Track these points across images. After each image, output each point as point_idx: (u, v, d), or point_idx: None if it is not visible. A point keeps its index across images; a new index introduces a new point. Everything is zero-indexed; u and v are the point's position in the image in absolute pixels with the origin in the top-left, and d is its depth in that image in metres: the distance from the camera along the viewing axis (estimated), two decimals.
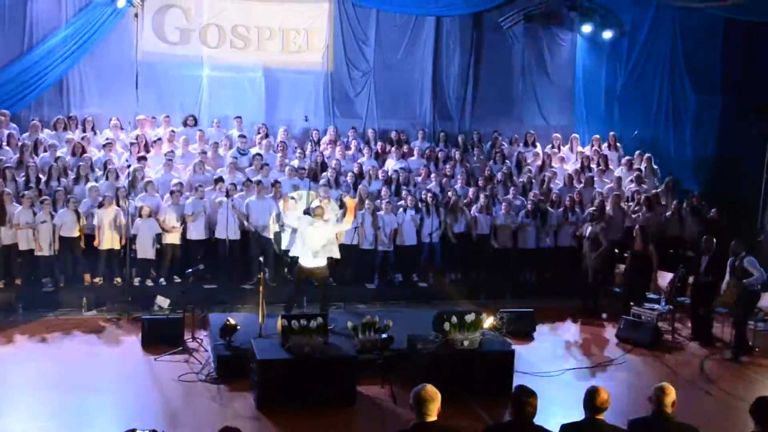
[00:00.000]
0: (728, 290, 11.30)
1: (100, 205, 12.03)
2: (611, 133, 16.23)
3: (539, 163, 15.39)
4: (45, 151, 13.15)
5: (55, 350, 10.17)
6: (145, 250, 12.18)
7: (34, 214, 11.65)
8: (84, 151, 13.22)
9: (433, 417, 4.81)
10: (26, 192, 11.89)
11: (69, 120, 14.08)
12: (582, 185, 14.65)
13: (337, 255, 11.11)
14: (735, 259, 11.01)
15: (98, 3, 14.09)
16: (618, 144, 16.16)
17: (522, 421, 5.02)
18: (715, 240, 11.54)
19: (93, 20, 14.21)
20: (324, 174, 13.57)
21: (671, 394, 5.26)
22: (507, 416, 5.21)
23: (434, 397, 4.83)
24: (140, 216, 12.04)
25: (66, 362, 9.69)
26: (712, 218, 13.52)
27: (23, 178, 12.41)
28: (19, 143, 13.10)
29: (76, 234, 11.96)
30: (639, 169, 15.23)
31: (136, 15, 14.37)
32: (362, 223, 12.81)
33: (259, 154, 13.76)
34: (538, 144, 16.00)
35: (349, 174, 13.80)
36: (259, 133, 14.67)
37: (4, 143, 13.15)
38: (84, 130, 13.97)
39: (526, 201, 13.87)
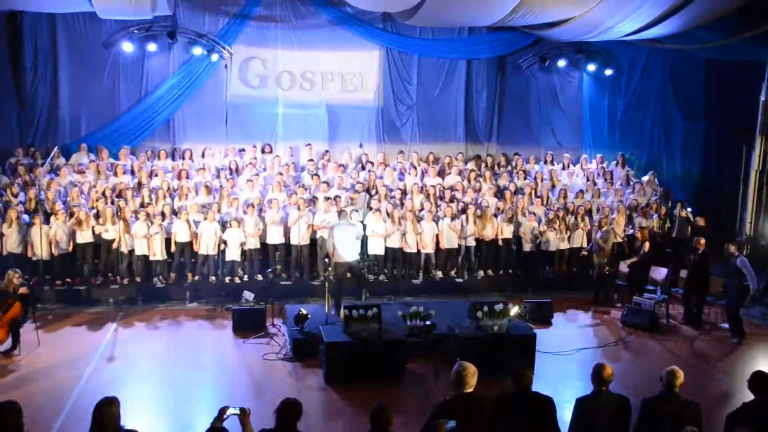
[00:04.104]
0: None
1: (200, 219, 12.26)
2: (620, 153, 15.95)
3: (553, 178, 15.19)
4: (156, 175, 13.50)
5: (166, 334, 10.43)
6: (233, 253, 12.24)
7: (148, 226, 11.92)
8: (186, 175, 13.52)
9: (470, 389, 4.82)
10: (141, 209, 12.19)
11: (174, 151, 14.58)
12: (591, 197, 14.42)
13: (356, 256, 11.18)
14: (729, 258, 10.70)
15: (197, 58, 14.48)
16: (626, 163, 15.85)
17: (522, 389, 5.08)
18: (703, 240, 11.31)
19: (193, 71, 14.65)
20: (374, 190, 13.63)
21: (680, 377, 5.18)
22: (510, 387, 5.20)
23: (473, 373, 4.85)
24: (230, 226, 12.14)
25: (174, 344, 9.94)
26: (698, 223, 13.25)
27: (139, 198, 12.74)
28: (137, 170, 13.50)
29: (188, 239, 12.18)
30: (640, 183, 14.94)
31: (226, 66, 14.77)
32: (405, 230, 12.79)
33: (316, 175, 13.88)
34: (555, 163, 15.85)
35: (396, 190, 13.83)
36: (324, 157, 14.82)
37: (128, 171, 13.57)
38: (184, 158, 14.31)
39: (545, 210, 13.67)
